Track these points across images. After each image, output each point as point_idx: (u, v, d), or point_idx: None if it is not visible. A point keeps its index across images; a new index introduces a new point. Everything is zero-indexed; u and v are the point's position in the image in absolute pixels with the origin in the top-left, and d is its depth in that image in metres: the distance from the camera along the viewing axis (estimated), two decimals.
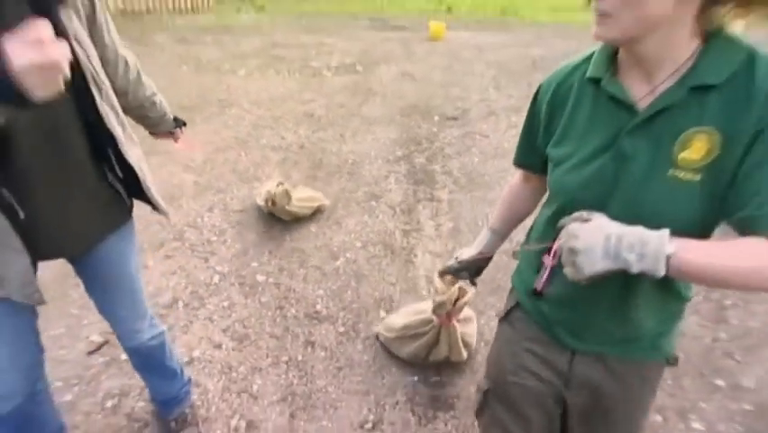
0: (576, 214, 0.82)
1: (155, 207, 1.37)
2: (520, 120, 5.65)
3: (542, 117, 0.99)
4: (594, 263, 0.74)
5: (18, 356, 1.22)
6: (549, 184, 0.98)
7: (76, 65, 1.06)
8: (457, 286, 1.87)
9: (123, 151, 1.20)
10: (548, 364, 1.07)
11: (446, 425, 1.80)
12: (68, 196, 1.15)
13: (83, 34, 1.10)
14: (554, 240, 0.83)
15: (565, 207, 0.89)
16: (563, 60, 0.99)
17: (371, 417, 1.79)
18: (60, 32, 1.00)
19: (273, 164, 3.83)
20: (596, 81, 0.87)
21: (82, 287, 1.39)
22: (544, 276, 0.95)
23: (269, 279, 2.53)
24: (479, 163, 4.03)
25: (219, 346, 2.09)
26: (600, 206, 0.83)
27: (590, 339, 1.00)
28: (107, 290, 1.39)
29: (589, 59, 0.91)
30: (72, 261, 1.32)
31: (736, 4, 0.75)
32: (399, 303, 2.40)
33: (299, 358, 2.05)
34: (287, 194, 2.91)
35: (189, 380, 1.75)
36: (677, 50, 0.77)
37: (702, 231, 0.81)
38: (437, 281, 1.82)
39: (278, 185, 2.94)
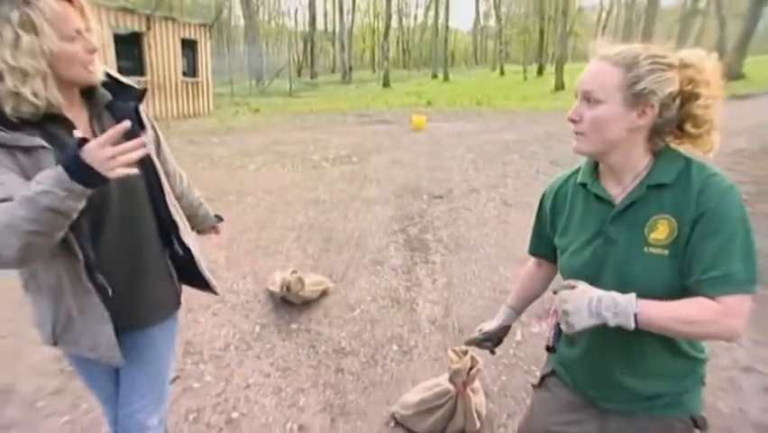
0: (565, 283, 1.04)
1: (203, 286, 1.60)
2: (497, 194, 6.53)
3: (547, 215, 1.26)
4: (582, 320, 0.95)
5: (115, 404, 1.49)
6: (559, 266, 1.21)
7: (154, 177, 1.40)
8: (469, 356, 2.10)
9: (183, 235, 1.48)
10: (581, 426, 1.20)
11: None
12: (141, 277, 1.38)
13: (154, 153, 1.44)
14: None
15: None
16: (533, 142, 1.67)
17: (392, 420, 2.31)
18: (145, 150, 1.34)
19: (290, 240, 4.50)
20: (584, 185, 1.14)
21: None
22: (552, 333, 1.14)
23: (301, 326, 3.10)
24: (464, 231, 4.74)
25: (268, 376, 2.62)
26: (596, 278, 1.05)
27: (617, 399, 1.14)
28: (142, 363, 1.45)
29: (577, 171, 1.19)
30: (123, 334, 1.38)
31: (673, 137, 1.06)
32: (408, 340, 2.96)
33: (332, 381, 2.58)
34: (300, 281, 3.17)
35: None
36: (635, 161, 1.06)
37: (673, 293, 0.98)
38: (450, 353, 2.11)
39: (292, 273, 3.22)
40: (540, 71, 34.33)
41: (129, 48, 13.25)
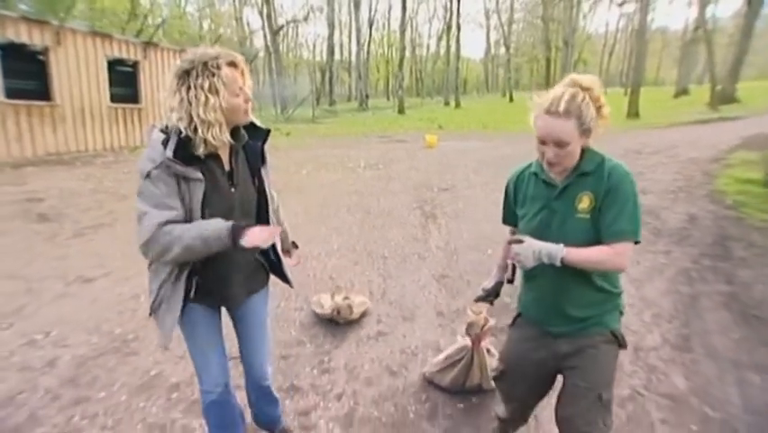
0: (516, 237, 1.59)
1: (283, 280, 2.01)
2: (488, 188, 8.76)
3: (512, 194, 1.78)
4: (529, 262, 1.51)
5: (223, 354, 1.86)
6: (519, 228, 1.72)
7: (264, 198, 1.83)
8: (482, 315, 2.44)
9: (277, 243, 1.94)
10: (541, 349, 1.71)
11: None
12: (246, 267, 1.84)
13: (267, 179, 1.86)
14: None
15: None
16: (525, 156, 1.78)
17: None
18: (261, 180, 1.82)
19: (343, 212, 6.64)
20: (536, 174, 1.66)
21: None
22: (510, 272, 1.76)
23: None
24: (461, 208, 6.84)
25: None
26: (544, 235, 1.55)
27: (561, 325, 1.65)
28: (253, 327, 1.95)
29: (529, 165, 1.73)
30: (232, 311, 1.92)
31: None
32: (423, 255, 5.03)
33: (380, 266, 4.66)
34: (349, 307, 3.46)
35: (281, 415, 2.30)
36: (575, 160, 1.56)
37: (592, 243, 1.50)
38: (469, 310, 2.48)
39: (344, 299, 3.53)
40: None
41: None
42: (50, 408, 2.56)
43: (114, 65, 13.42)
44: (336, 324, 3.48)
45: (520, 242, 1.55)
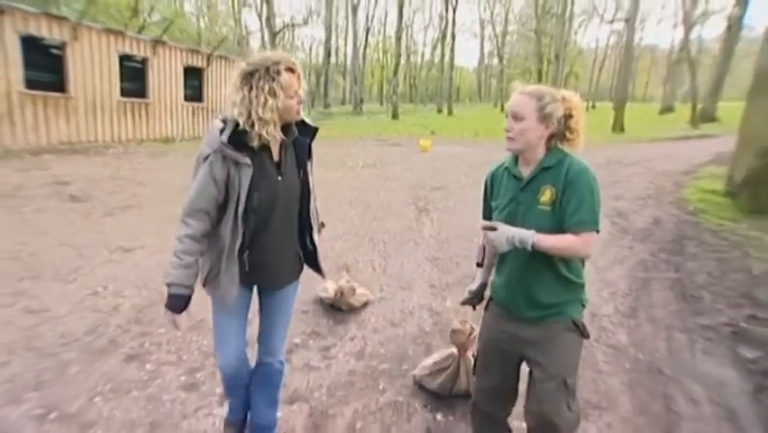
0: (489, 223, 1.71)
1: (316, 270, 2.16)
2: (477, 188, 9.33)
3: (488, 190, 1.93)
4: (502, 247, 1.64)
5: (242, 338, 2.04)
6: (493, 218, 1.83)
7: (307, 191, 1.99)
8: (468, 325, 2.58)
9: (315, 235, 2.08)
10: (508, 332, 1.84)
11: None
12: (283, 257, 1.99)
13: (311, 173, 2.02)
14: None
15: None
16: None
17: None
18: (306, 173, 1.97)
19: (345, 206, 7.33)
20: (507, 169, 1.82)
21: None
22: (480, 255, 2.03)
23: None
24: (452, 205, 7.57)
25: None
26: (514, 223, 1.69)
27: (525, 310, 1.78)
28: (274, 314, 2.08)
29: (505, 162, 1.87)
30: (265, 292, 2.06)
31: (560, 141, 1.74)
32: (417, 241, 5.73)
33: (381, 249, 5.36)
34: (352, 289, 3.73)
35: (278, 421, 2.27)
36: (537, 155, 1.72)
37: (553, 232, 1.63)
38: (455, 322, 2.65)
39: (347, 281, 3.76)
40: None
41: (194, 80, 16.43)
42: (123, 337, 3.23)
43: (124, 61, 14.00)
44: (340, 310, 3.75)
45: (494, 229, 1.70)
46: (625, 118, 23.70)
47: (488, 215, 1.94)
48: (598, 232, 1.65)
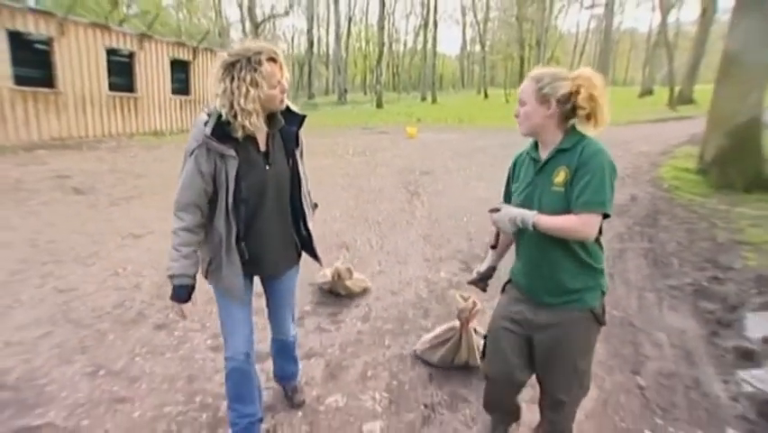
0: (495, 206, 1.76)
1: (313, 257, 2.21)
2: (465, 172, 9.96)
3: (511, 174, 1.94)
4: (506, 227, 1.71)
5: (249, 326, 2.06)
6: (512, 200, 1.86)
7: (297, 178, 2.02)
8: (472, 300, 2.70)
9: (309, 222, 2.12)
10: (523, 316, 1.84)
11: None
12: (279, 244, 2.03)
13: (300, 160, 2.06)
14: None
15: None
16: (497, 147, 4.52)
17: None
18: (295, 160, 2.00)
19: (338, 190, 7.66)
20: (529, 153, 1.83)
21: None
22: (494, 237, 2.03)
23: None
24: (440, 188, 7.95)
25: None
26: (530, 205, 1.71)
27: (543, 295, 1.78)
28: (279, 298, 2.19)
29: (529, 147, 1.87)
30: (266, 280, 2.14)
31: (579, 121, 1.68)
32: (411, 222, 6.10)
33: (377, 222, 5.72)
34: (349, 271, 3.80)
35: (299, 370, 2.55)
36: (552, 138, 1.72)
37: (565, 212, 1.62)
38: (458, 297, 2.77)
39: (342, 263, 3.89)
40: None
41: (180, 73, 16.50)
42: (149, 310, 3.56)
43: (111, 55, 14.04)
44: (339, 295, 3.83)
45: (497, 210, 1.76)
46: None
47: (507, 199, 1.94)
48: (606, 215, 1.61)
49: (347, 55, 51.48)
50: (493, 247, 2.08)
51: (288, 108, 1.95)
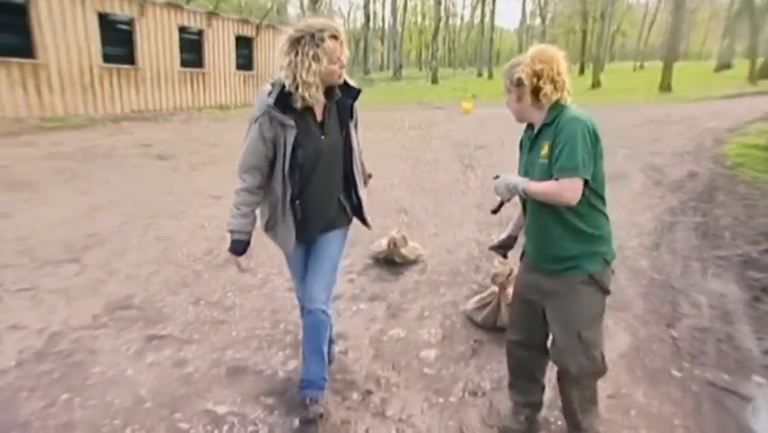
0: (495, 175, 1.92)
1: (363, 222, 2.31)
2: (514, 146, 9.71)
3: (520, 152, 2.06)
4: (504, 193, 1.83)
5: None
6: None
7: (350, 147, 2.13)
8: (508, 266, 2.83)
9: (359, 189, 2.22)
10: (533, 284, 1.96)
11: None
12: (329, 207, 2.15)
13: (353, 131, 2.17)
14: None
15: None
16: None
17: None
18: (348, 132, 2.12)
19: (396, 160, 8.04)
20: (526, 132, 1.97)
21: None
22: (497, 205, 2.11)
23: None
24: (494, 161, 8.15)
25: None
26: (527, 175, 1.85)
27: (544, 262, 1.89)
28: (317, 261, 2.18)
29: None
30: (314, 242, 2.19)
31: (547, 94, 1.76)
32: (464, 190, 6.40)
33: (433, 189, 6.08)
34: (404, 239, 3.94)
35: (325, 380, 2.28)
36: (536, 117, 1.85)
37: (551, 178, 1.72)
38: (496, 262, 2.96)
39: (398, 231, 4.01)
40: (582, 70, 35.82)
41: (244, 49, 17.28)
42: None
43: (182, 33, 14.96)
44: (394, 263, 3.99)
45: (497, 178, 1.91)
46: (674, 77, 23.01)
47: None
48: (583, 179, 1.69)
49: (403, 30, 51.10)
50: (493, 212, 2.21)
51: (345, 82, 2.05)
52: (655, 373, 2.65)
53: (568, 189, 1.67)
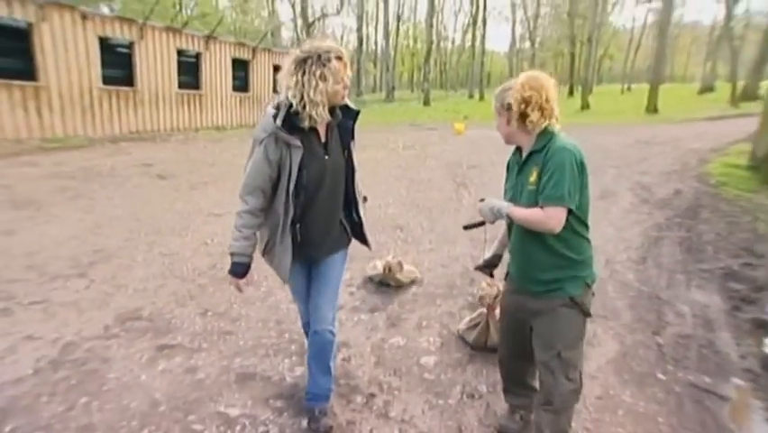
0: (480, 199, 1.97)
1: (363, 242, 2.35)
2: (504, 166, 10.01)
3: (507, 174, 2.09)
4: (488, 217, 1.90)
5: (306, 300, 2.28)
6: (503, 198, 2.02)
7: (351, 168, 2.18)
8: (495, 287, 2.84)
9: (359, 209, 2.27)
10: (518, 302, 2.03)
11: None
12: (330, 229, 2.17)
13: (355, 152, 2.21)
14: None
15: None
16: None
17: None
18: (350, 152, 2.17)
19: (391, 180, 8.25)
20: (514, 155, 2.01)
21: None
22: (473, 223, 2.29)
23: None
24: (486, 180, 8.38)
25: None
26: (516, 201, 1.88)
27: (526, 283, 1.95)
28: (321, 283, 2.21)
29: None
30: (314, 264, 2.21)
31: (534, 121, 1.81)
32: (458, 207, 6.61)
33: (427, 205, 6.27)
34: (400, 264, 3.96)
35: (331, 390, 2.39)
36: (524, 141, 1.90)
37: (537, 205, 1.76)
38: (483, 284, 2.95)
39: (393, 257, 4.04)
40: (571, 92, 36.41)
41: (240, 71, 17.63)
42: None
43: (180, 56, 15.28)
44: (388, 286, 3.99)
45: (483, 201, 1.96)
46: (660, 99, 23.66)
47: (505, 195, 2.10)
48: (568, 208, 1.75)
49: (395, 53, 52.04)
50: (465, 228, 2.39)
51: (345, 104, 2.11)
52: (641, 376, 2.82)
53: (552, 218, 1.74)
